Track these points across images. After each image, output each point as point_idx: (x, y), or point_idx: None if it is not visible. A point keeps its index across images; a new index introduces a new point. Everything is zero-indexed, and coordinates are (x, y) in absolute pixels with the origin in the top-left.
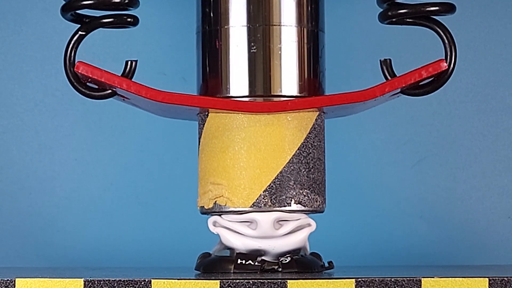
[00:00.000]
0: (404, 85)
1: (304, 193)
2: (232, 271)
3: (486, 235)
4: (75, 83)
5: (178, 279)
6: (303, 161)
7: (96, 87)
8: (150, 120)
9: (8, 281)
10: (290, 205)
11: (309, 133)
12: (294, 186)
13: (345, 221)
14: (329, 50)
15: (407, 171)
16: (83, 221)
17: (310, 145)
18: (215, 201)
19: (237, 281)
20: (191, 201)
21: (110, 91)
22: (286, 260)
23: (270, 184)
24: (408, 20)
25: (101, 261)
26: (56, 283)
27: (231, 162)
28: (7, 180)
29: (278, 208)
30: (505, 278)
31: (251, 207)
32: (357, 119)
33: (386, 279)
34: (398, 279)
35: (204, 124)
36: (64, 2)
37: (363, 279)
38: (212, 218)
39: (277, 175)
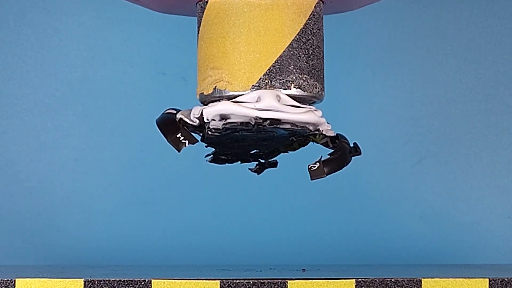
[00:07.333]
0: None
1: (304, 78)
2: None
3: (486, 235)
4: None
5: (178, 279)
6: (303, 47)
7: None
8: (150, 120)
9: (8, 281)
10: (290, 89)
11: (308, 19)
12: (294, 70)
13: (345, 220)
14: None
15: (407, 171)
16: (83, 221)
17: (309, 32)
18: (215, 86)
19: (237, 281)
20: (191, 200)
21: None
22: (314, 167)
23: (270, 67)
24: None
25: (101, 262)
26: (56, 283)
27: (231, 47)
28: (7, 180)
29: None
30: (505, 279)
31: (251, 90)
32: (357, 118)
33: (386, 279)
34: (398, 279)
35: (203, 12)
36: None
37: (363, 279)
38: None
39: (277, 59)
